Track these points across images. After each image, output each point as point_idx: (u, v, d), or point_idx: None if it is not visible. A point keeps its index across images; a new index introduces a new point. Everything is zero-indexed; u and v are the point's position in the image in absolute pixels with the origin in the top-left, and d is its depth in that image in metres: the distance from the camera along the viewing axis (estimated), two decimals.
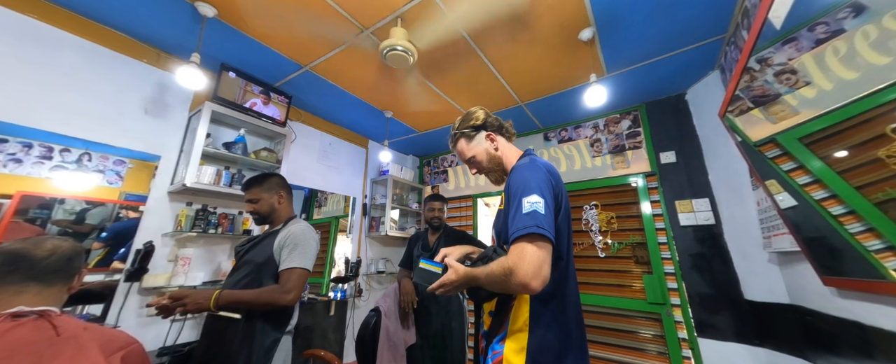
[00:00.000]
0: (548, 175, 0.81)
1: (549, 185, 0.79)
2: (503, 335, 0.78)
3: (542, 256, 0.67)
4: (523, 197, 0.74)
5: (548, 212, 0.72)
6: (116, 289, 1.49)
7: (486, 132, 0.99)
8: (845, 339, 1.12)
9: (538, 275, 0.65)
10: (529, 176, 0.79)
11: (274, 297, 1.05)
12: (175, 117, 1.82)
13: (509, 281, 0.67)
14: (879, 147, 0.75)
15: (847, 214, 0.93)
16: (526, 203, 0.73)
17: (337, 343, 2.38)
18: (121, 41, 1.65)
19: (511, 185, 0.82)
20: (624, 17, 1.53)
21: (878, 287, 0.91)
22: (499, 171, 0.98)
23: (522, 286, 0.66)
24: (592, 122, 2.60)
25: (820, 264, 1.15)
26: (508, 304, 0.80)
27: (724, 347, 1.79)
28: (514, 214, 0.73)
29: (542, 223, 0.69)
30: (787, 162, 1.12)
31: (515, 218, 0.73)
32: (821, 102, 0.94)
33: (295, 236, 1.17)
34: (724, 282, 1.85)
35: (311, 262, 1.16)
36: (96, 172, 1.53)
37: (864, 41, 0.78)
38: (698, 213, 2.00)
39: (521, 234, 0.69)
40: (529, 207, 0.72)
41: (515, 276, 0.66)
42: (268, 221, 1.31)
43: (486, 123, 0.99)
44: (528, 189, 0.76)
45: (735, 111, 1.35)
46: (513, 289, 0.68)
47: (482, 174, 1.02)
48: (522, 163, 0.88)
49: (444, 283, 0.79)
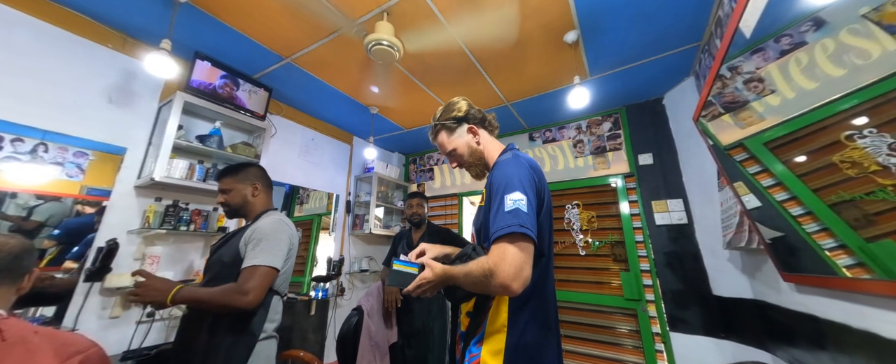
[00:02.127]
0: (530, 171, 0.78)
1: (532, 182, 0.76)
2: (480, 336, 0.75)
3: (523, 258, 0.65)
4: (506, 194, 0.71)
5: (530, 210, 0.70)
6: (75, 289, 1.39)
7: (468, 125, 0.93)
8: (801, 331, 1.21)
9: (519, 276, 0.63)
10: (512, 172, 0.76)
11: (229, 298, 0.92)
12: (143, 107, 1.71)
13: (489, 282, 0.65)
14: (834, 153, 0.81)
15: (805, 215, 0.99)
16: (508, 200, 0.70)
17: (317, 343, 2.33)
18: (80, 23, 1.53)
19: (493, 181, 0.78)
20: (607, 22, 1.57)
21: (830, 282, 0.99)
22: (480, 166, 0.94)
23: (502, 288, 0.64)
24: (576, 123, 2.66)
25: (780, 262, 1.23)
26: (486, 305, 0.77)
27: (693, 340, 1.89)
28: (496, 212, 0.71)
29: (525, 222, 0.67)
30: (754, 165, 1.19)
31: (497, 216, 0.70)
32: (784, 109, 1.00)
33: (261, 230, 1.05)
34: (694, 278, 1.94)
35: (278, 258, 1.03)
36: (54, 165, 1.41)
37: (823, 53, 0.83)
38: (672, 213, 2.09)
39: (502, 234, 0.66)
40: (512, 205, 0.69)
41: (495, 277, 0.64)
42: (240, 215, 1.19)
43: (468, 115, 0.93)
44: (510, 186, 0.72)
45: (708, 116, 1.42)
46: (492, 290, 0.66)
47: (463, 168, 0.97)
48: (505, 158, 0.84)
49: (421, 283, 0.75)
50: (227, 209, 1.18)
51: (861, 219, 0.78)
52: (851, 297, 0.92)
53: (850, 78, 0.73)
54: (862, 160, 0.73)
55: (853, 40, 0.70)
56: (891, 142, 0.66)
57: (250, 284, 0.94)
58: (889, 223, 0.71)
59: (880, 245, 0.75)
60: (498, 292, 0.68)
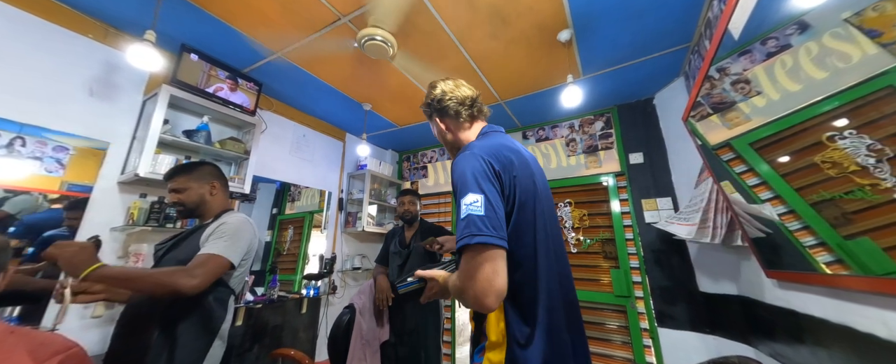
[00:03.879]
0: (484, 163, 0.67)
1: (487, 174, 0.66)
2: (482, 346, 0.69)
3: (489, 269, 0.58)
4: (461, 198, 0.64)
5: (489, 210, 0.61)
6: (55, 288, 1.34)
7: (437, 116, 0.88)
8: (782, 325, 1.25)
9: (489, 291, 0.57)
10: (464, 169, 0.67)
11: (173, 278, 0.84)
12: (126, 100, 1.66)
13: (464, 299, 0.61)
14: (816, 153, 0.83)
15: (787, 214, 1.02)
16: (463, 206, 0.63)
17: (308, 342, 2.31)
18: (58, 12, 1.47)
19: (454, 179, 0.70)
20: (600, 21, 1.58)
21: (810, 279, 1.02)
22: (452, 152, 0.90)
23: (476, 305, 0.59)
24: (568, 122, 2.69)
25: (764, 259, 1.27)
26: (483, 316, 0.70)
27: (680, 336, 1.93)
28: (457, 219, 0.64)
29: (481, 229, 0.59)
30: (740, 165, 1.22)
31: (457, 223, 0.63)
32: (769, 111, 1.03)
33: (229, 225, 1.03)
34: (682, 275, 1.99)
35: (235, 254, 0.99)
36: (32, 159, 1.36)
37: (807, 56, 0.85)
38: (662, 211, 2.13)
39: (460, 246, 0.61)
40: (465, 211, 0.62)
41: (466, 295, 0.60)
42: (195, 215, 1.15)
43: (429, 103, 0.87)
44: (464, 187, 0.65)
45: (696, 116, 1.45)
46: (470, 306, 0.63)
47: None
48: (462, 153, 0.73)
49: (431, 291, 0.78)
50: (182, 209, 1.13)
51: (840, 217, 0.81)
52: (830, 292, 0.95)
53: (832, 80, 0.75)
54: (842, 160, 0.76)
55: (836, 44, 0.72)
56: (869, 143, 0.68)
57: (200, 270, 0.89)
58: (866, 221, 0.74)
59: (858, 243, 0.78)
60: (475, 308, 0.62)
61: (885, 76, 0.62)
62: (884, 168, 0.66)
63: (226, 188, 1.23)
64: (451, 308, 2.88)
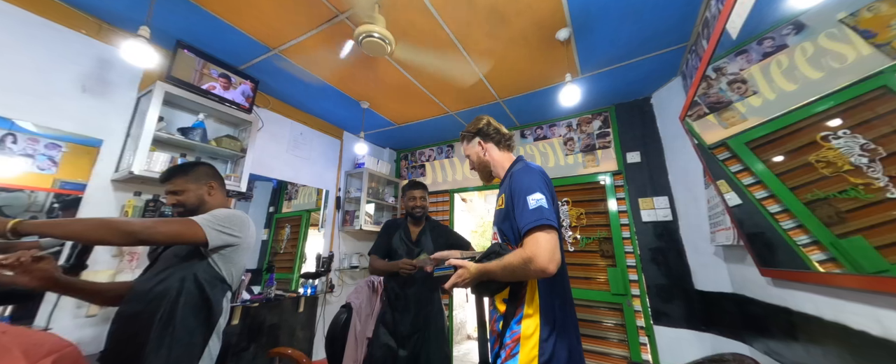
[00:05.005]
0: (543, 176, 0.96)
1: (546, 183, 0.93)
2: (520, 317, 0.88)
3: (554, 243, 0.79)
4: (527, 195, 0.86)
5: (550, 206, 0.85)
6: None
7: (479, 138, 1.14)
8: (777, 323, 1.26)
9: (553, 258, 0.77)
10: (528, 178, 0.92)
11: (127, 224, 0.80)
12: (120, 97, 1.64)
13: (528, 268, 0.78)
14: (810, 153, 0.84)
15: (782, 212, 1.03)
16: (531, 200, 0.85)
17: (306, 340, 2.31)
18: (51, 7, 1.45)
19: (513, 187, 0.94)
20: (598, 20, 1.58)
21: (804, 276, 1.03)
22: (484, 173, 1.15)
23: (541, 270, 0.77)
24: (566, 121, 2.69)
25: (759, 257, 1.28)
26: (522, 291, 0.91)
27: (675, 333, 1.95)
28: (522, 210, 0.85)
29: (548, 215, 0.82)
30: (736, 164, 1.23)
31: (523, 213, 0.84)
32: (765, 110, 1.03)
33: (218, 210, 1.06)
34: (678, 273, 2.00)
35: (213, 231, 0.97)
36: (24, 157, 1.35)
37: (803, 56, 0.86)
38: (658, 210, 2.14)
39: (533, 226, 0.81)
40: (535, 204, 0.84)
41: (535, 262, 0.77)
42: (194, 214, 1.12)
43: (479, 130, 1.14)
44: (531, 188, 0.88)
45: (693, 115, 1.45)
46: (531, 274, 0.79)
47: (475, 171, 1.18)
48: (519, 168, 1.00)
49: (460, 278, 0.88)
50: (182, 211, 1.13)
51: (834, 216, 0.82)
52: (823, 290, 0.96)
53: (827, 80, 0.76)
54: (836, 160, 0.76)
55: (831, 44, 0.73)
56: (863, 143, 0.69)
57: (168, 225, 0.88)
58: (859, 220, 0.75)
59: (851, 241, 0.79)
60: (536, 275, 0.80)
61: (880, 77, 0.63)
62: (877, 168, 0.67)
63: (223, 187, 1.23)
64: (450, 307, 2.88)
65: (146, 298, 0.94)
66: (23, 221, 0.75)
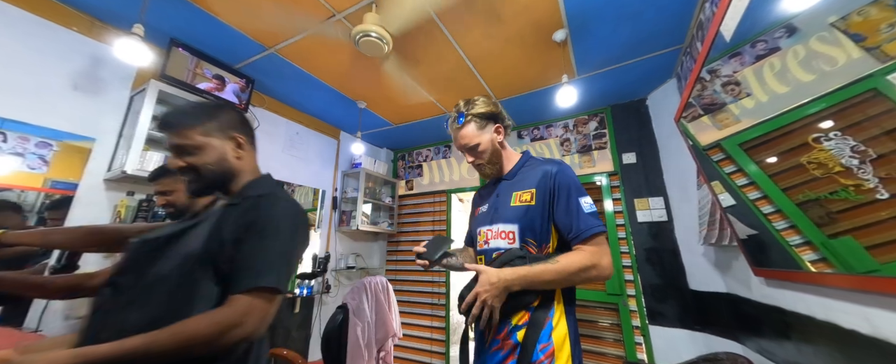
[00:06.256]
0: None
1: None
2: (549, 327, 0.81)
3: (609, 252, 0.79)
4: (579, 197, 0.82)
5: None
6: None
7: (497, 123, 0.95)
8: (769, 322, 1.28)
9: (612, 267, 0.78)
10: (575, 177, 0.86)
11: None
12: (113, 96, 1.62)
13: (589, 274, 0.76)
14: (802, 154, 0.85)
15: (775, 213, 1.04)
16: (585, 203, 0.82)
17: (302, 341, 2.30)
18: (42, 3, 1.43)
19: (561, 182, 0.85)
20: (595, 21, 1.59)
21: (796, 276, 1.04)
22: (496, 166, 0.96)
23: (602, 276, 0.77)
24: (563, 122, 2.70)
25: (752, 257, 1.29)
26: (551, 299, 0.83)
27: (670, 333, 1.96)
28: (578, 212, 0.81)
29: (601, 222, 0.81)
30: (729, 165, 1.24)
31: (582, 216, 0.80)
32: (758, 112, 1.04)
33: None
34: (672, 273, 2.02)
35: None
36: (14, 155, 1.32)
37: (794, 59, 0.87)
38: (653, 211, 2.16)
39: (596, 232, 0.79)
40: (590, 208, 0.81)
41: (600, 269, 0.76)
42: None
43: (500, 114, 0.95)
44: (581, 190, 0.83)
45: (688, 117, 1.47)
46: (585, 281, 0.78)
47: (477, 165, 0.95)
48: (558, 164, 0.89)
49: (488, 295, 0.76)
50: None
51: (825, 217, 0.83)
52: (815, 290, 0.98)
53: (818, 83, 0.77)
54: (827, 161, 0.77)
55: (822, 47, 0.74)
56: (853, 144, 0.70)
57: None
58: (850, 221, 0.76)
59: (841, 241, 0.80)
60: (594, 281, 0.79)
61: (869, 79, 0.64)
62: (867, 169, 0.68)
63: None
64: (446, 307, 2.88)
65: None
66: (7, 233, 0.73)
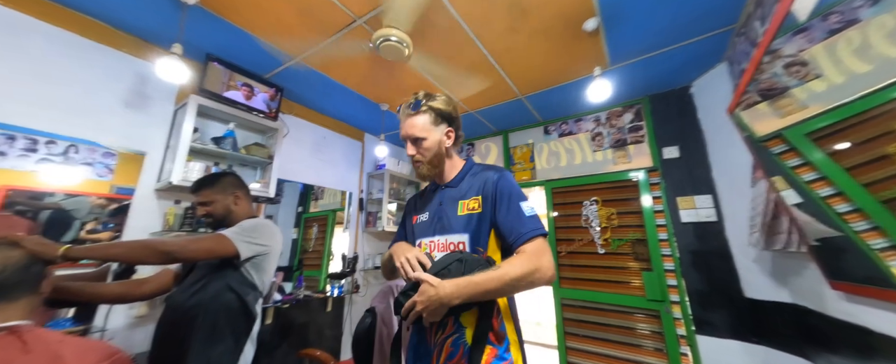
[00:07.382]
0: None
1: None
2: (506, 343, 0.75)
3: (550, 253, 0.76)
4: (520, 202, 0.82)
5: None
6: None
7: (450, 127, 0.91)
8: (849, 342, 1.10)
9: (553, 268, 0.73)
10: (515, 184, 0.87)
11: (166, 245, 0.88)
12: (159, 111, 1.76)
13: (534, 278, 0.70)
14: (888, 143, 0.72)
15: (852, 212, 0.90)
16: (525, 207, 0.81)
17: (334, 339, 2.38)
18: (94, 28, 1.57)
19: (502, 189, 0.85)
20: (631, 6, 1.46)
21: (888, 295, 0.89)
22: (434, 168, 0.91)
23: (547, 280, 0.72)
24: (594, 115, 2.55)
25: (827, 267, 1.12)
26: (494, 308, 0.76)
27: (722, 344, 1.78)
28: (519, 216, 0.79)
29: (543, 224, 0.80)
30: (793, 158, 1.09)
31: (522, 219, 0.78)
32: (831, 96, 0.90)
33: (245, 222, 1.12)
34: (723, 279, 1.83)
35: (243, 243, 1.04)
36: (84, 165, 1.49)
37: (880, 32, 0.73)
38: (700, 210, 1.97)
39: (537, 234, 0.76)
40: (531, 211, 0.80)
41: (543, 272, 0.71)
42: (224, 225, 1.20)
43: (456, 119, 0.92)
44: (522, 195, 0.84)
45: (742, 105, 1.31)
46: (532, 286, 0.72)
47: (416, 161, 0.91)
48: (500, 171, 0.88)
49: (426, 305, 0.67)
50: (211, 220, 1.21)
51: None
52: None
53: None
54: None
55: None
56: None
57: (201, 242, 0.96)
58: None
59: None
60: (543, 285, 0.73)
61: None
62: None
63: (248, 197, 1.29)
64: None
65: (184, 307, 1.02)
66: (72, 248, 0.81)
